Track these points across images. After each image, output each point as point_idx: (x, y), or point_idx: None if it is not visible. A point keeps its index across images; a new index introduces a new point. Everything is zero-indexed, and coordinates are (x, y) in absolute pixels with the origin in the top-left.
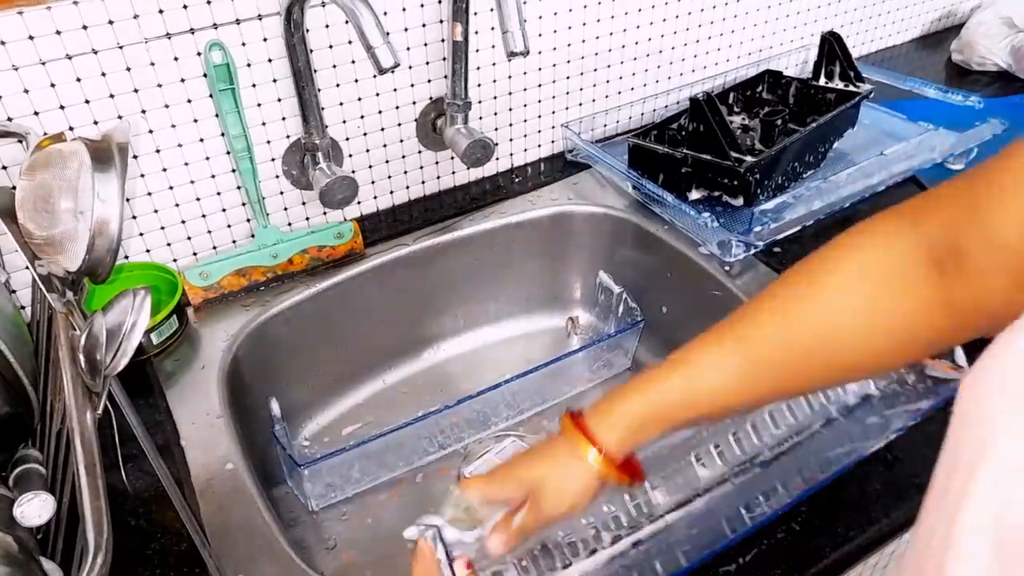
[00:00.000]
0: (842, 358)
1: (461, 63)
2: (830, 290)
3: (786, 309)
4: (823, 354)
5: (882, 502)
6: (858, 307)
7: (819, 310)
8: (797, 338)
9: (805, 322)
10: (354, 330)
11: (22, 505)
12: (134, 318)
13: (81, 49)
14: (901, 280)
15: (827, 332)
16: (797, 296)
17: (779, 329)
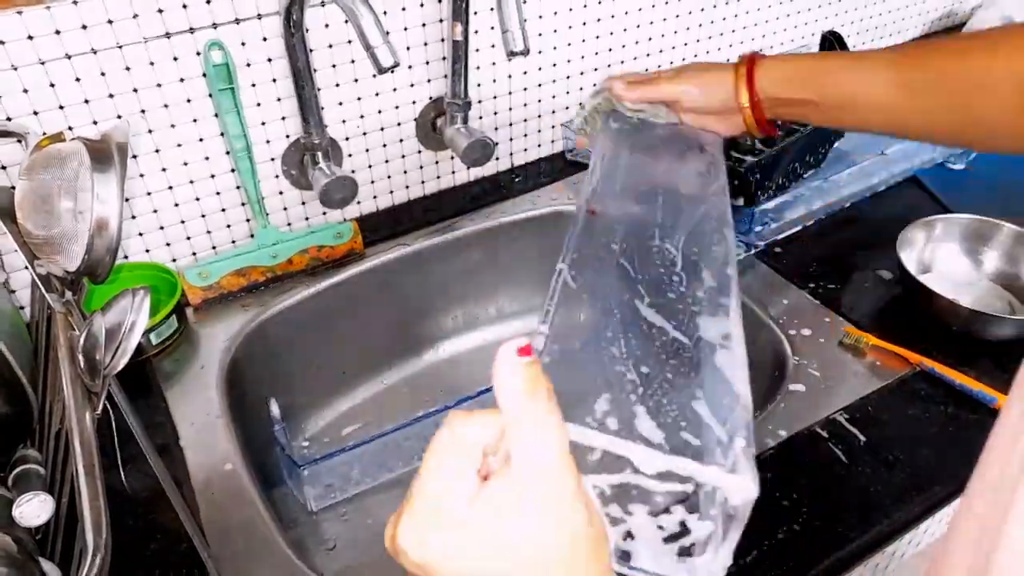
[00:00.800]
0: (979, 119)
1: (461, 63)
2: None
3: (958, 57)
4: (962, 114)
5: (882, 503)
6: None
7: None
8: (957, 86)
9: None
10: (354, 330)
11: (21, 505)
12: (133, 318)
13: (80, 49)
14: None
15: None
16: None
17: (950, 69)
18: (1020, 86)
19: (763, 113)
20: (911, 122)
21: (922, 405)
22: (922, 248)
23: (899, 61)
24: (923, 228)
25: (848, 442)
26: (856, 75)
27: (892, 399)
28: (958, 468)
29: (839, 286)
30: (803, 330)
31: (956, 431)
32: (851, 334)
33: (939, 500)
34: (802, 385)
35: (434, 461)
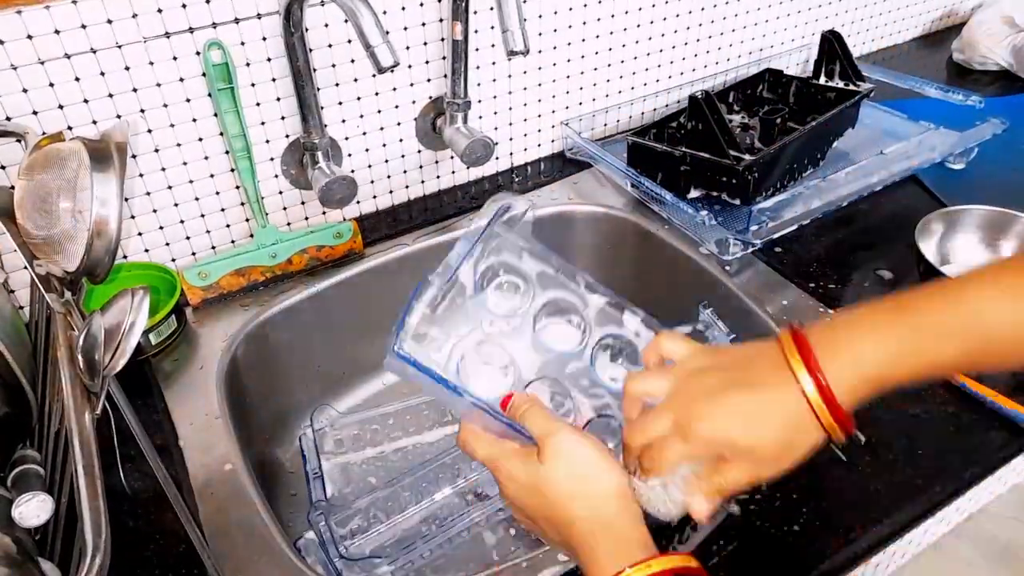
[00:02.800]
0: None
1: (461, 62)
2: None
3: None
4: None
5: (882, 503)
6: None
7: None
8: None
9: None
10: (353, 330)
11: (20, 506)
12: (132, 318)
13: (80, 48)
14: None
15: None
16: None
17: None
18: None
19: (846, 414)
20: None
21: (922, 405)
22: (940, 239)
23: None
24: (941, 219)
25: (849, 442)
26: (979, 326)
27: (893, 399)
28: (959, 469)
29: (838, 285)
30: None
31: (956, 431)
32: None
33: (939, 500)
34: None
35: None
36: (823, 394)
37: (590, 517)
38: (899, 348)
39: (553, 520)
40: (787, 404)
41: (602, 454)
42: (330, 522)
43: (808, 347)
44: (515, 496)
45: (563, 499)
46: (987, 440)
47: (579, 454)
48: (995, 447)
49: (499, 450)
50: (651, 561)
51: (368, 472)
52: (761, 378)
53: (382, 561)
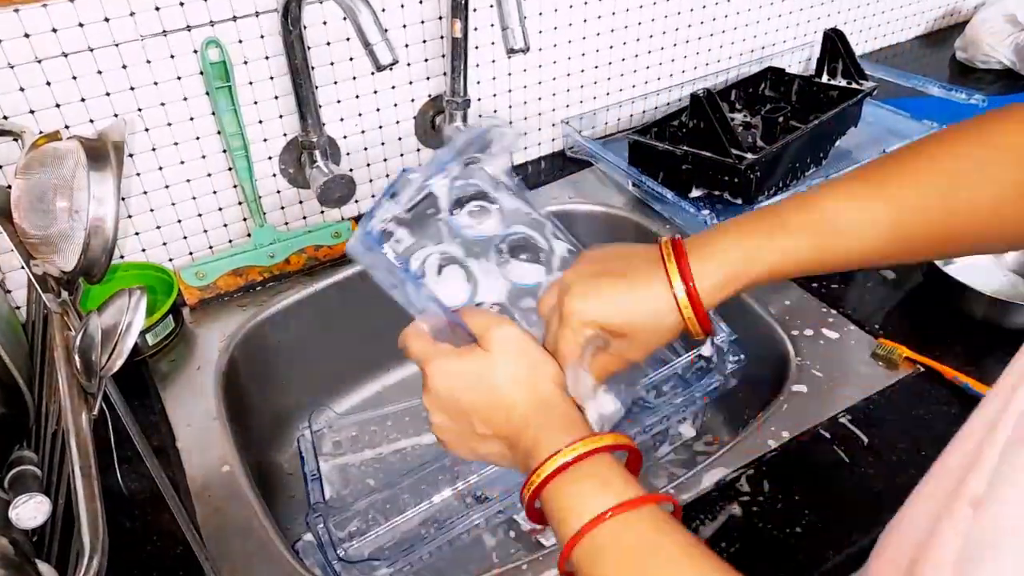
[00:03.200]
0: (995, 230)
1: (460, 60)
2: (1002, 159)
3: (952, 170)
4: (977, 224)
5: (885, 504)
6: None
7: (987, 179)
8: (956, 204)
9: (971, 187)
10: (352, 331)
11: (17, 507)
12: (129, 318)
13: (77, 47)
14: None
15: (989, 203)
16: (963, 157)
17: (939, 192)
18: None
19: (705, 311)
20: (897, 249)
21: (925, 406)
22: None
23: (878, 192)
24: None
25: (851, 443)
26: (834, 242)
27: (895, 400)
28: None
29: (840, 285)
30: (805, 330)
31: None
32: (884, 345)
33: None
34: (804, 386)
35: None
36: (691, 297)
37: (534, 400)
38: (757, 244)
39: (491, 407)
40: (658, 300)
41: (541, 346)
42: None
43: (683, 253)
44: (445, 392)
45: (508, 383)
46: None
47: (523, 341)
48: None
49: (434, 349)
50: (589, 439)
51: (367, 474)
52: (636, 274)
53: (381, 563)
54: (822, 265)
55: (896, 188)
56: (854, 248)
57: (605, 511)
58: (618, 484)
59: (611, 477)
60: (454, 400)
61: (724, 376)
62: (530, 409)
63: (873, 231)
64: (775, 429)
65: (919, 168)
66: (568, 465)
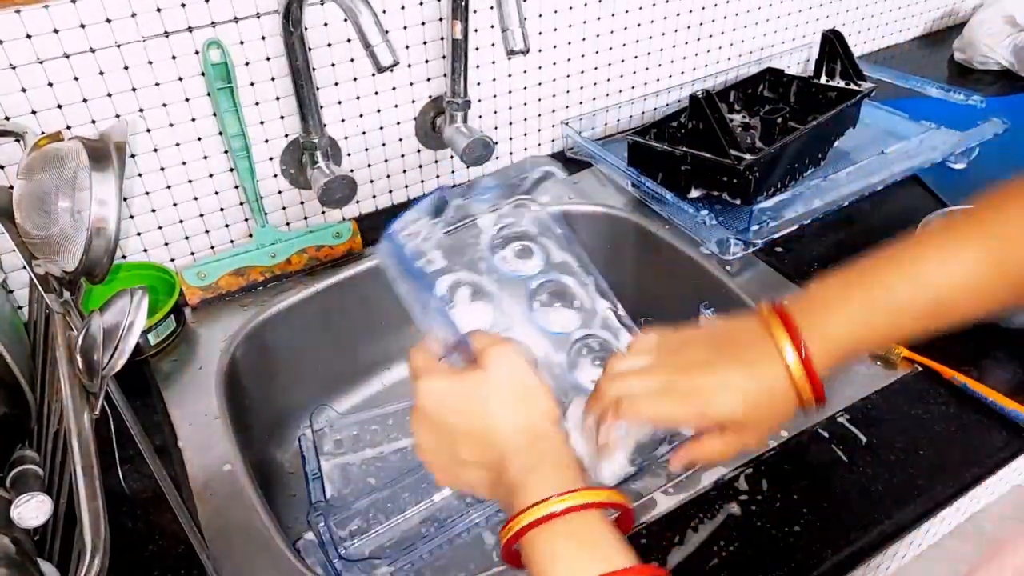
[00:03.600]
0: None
1: (460, 61)
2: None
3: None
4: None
5: (884, 504)
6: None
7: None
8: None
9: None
10: (352, 330)
11: (19, 506)
12: (131, 318)
13: (79, 48)
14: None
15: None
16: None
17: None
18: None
19: (821, 385)
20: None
21: (923, 405)
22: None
23: (986, 243)
24: (943, 219)
25: (849, 443)
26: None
27: (894, 399)
28: (960, 469)
29: None
30: None
31: (958, 431)
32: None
33: (941, 501)
34: None
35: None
36: (806, 367)
37: (526, 431)
38: (865, 325)
39: (479, 431)
40: (776, 378)
41: (540, 379)
42: (329, 523)
43: (792, 323)
44: (433, 410)
45: (499, 407)
46: (988, 440)
47: (523, 367)
48: (996, 447)
49: (429, 365)
50: (582, 492)
51: (368, 473)
52: (749, 354)
53: (382, 562)
54: (925, 334)
55: (991, 225)
56: (956, 315)
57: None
58: (608, 549)
59: (601, 540)
60: (441, 420)
61: None
62: (521, 440)
63: (968, 271)
64: None
65: (1008, 207)
66: (556, 515)
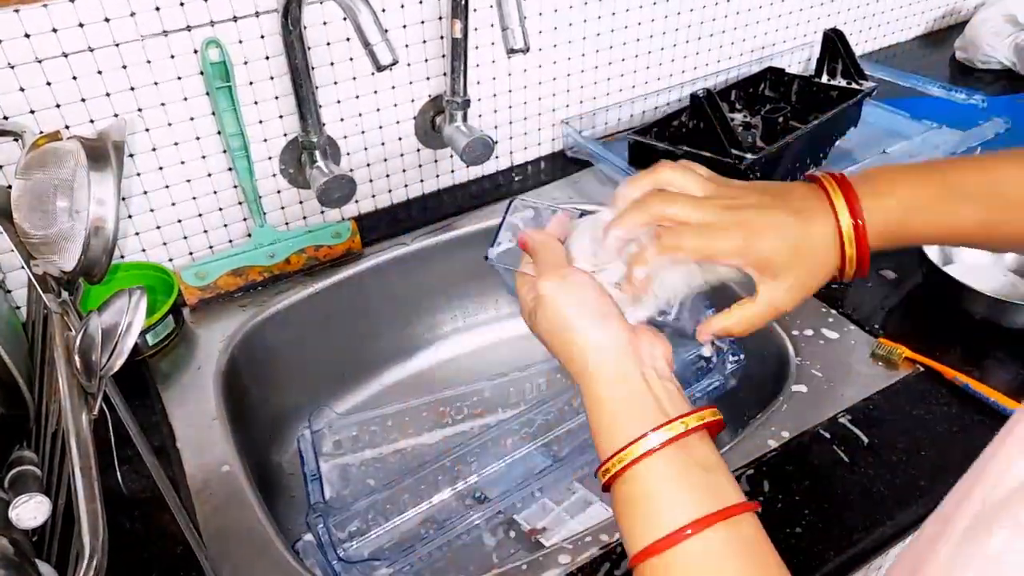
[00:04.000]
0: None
1: (460, 60)
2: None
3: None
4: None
5: (885, 504)
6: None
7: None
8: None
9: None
10: (352, 330)
11: (17, 507)
12: (130, 318)
13: (77, 47)
14: None
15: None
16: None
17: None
18: None
19: (868, 249)
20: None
21: (925, 406)
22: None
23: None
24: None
25: (851, 443)
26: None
27: (895, 400)
28: (961, 469)
29: (840, 285)
30: (805, 330)
31: (960, 432)
32: (884, 345)
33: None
34: (804, 386)
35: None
36: (857, 230)
37: (599, 355)
38: (928, 199)
39: (567, 337)
40: (826, 236)
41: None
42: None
43: (850, 188)
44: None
45: (579, 317)
46: (989, 440)
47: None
48: None
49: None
50: (672, 424)
51: (367, 474)
52: (803, 206)
53: (381, 563)
54: (989, 240)
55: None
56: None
57: (683, 527)
58: (700, 488)
59: (696, 476)
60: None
61: (724, 376)
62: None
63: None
64: (775, 429)
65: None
66: (651, 452)
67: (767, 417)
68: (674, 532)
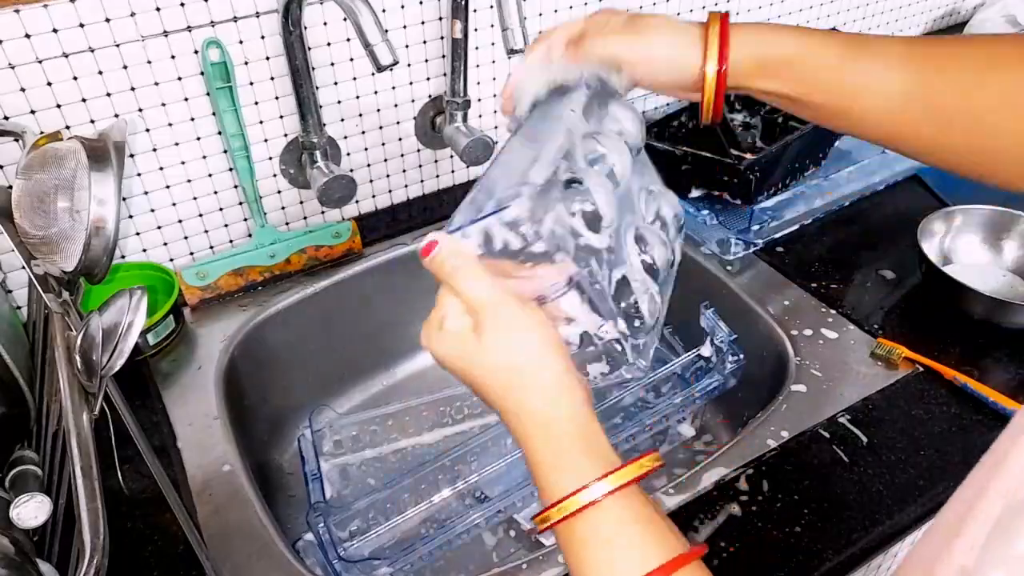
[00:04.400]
0: (998, 145)
1: (460, 61)
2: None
3: (986, 65)
4: (981, 132)
5: (885, 504)
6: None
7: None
8: (981, 101)
9: (999, 91)
10: (352, 331)
11: (18, 507)
12: (130, 318)
13: (78, 47)
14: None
15: (1007, 116)
16: (1002, 67)
17: (971, 79)
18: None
19: (723, 90)
20: (919, 135)
21: (924, 406)
22: (942, 238)
23: (912, 56)
24: (944, 219)
25: (850, 443)
26: (861, 75)
27: (894, 399)
28: (961, 468)
29: (840, 285)
30: (805, 330)
31: (959, 431)
32: (883, 345)
33: (942, 501)
34: (804, 386)
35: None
36: (719, 78)
37: (524, 412)
38: (779, 54)
39: (484, 391)
40: (686, 68)
41: (551, 335)
42: (329, 524)
43: (727, 37)
44: (438, 350)
45: (495, 379)
46: (988, 440)
47: (528, 333)
48: None
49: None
50: (611, 476)
51: (367, 473)
52: (675, 30)
53: (381, 563)
54: (837, 92)
55: (934, 57)
56: (870, 89)
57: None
58: (644, 540)
59: (637, 530)
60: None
61: (723, 376)
62: (526, 429)
63: (887, 81)
64: (775, 429)
65: (963, 53)
66: (589, 505)
67: (766, 417)
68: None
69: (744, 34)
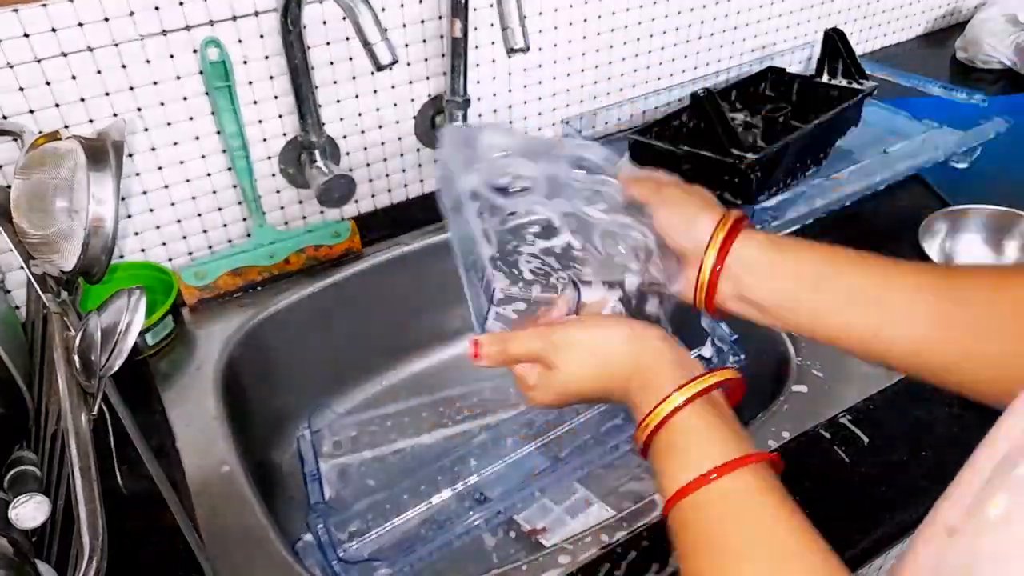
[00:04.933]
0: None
1: (460, 60)
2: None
3: (1007, 287)
4: (995, 358)
5: (886, 505)
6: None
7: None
8: (999, 324)
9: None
10: (352, 330)
11: (17, 507)
12: (129, 318)
13: (76, 46)
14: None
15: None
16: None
17: (992, 303)
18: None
19: (713, 293)
20: (942, 358)
21: (926, 406)
22: (944, 238)
23: (939, 285)
24: (945, 219)
25: (851, 443)
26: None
27: (896, 400)
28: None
29: None
30: None
31: (960, 432)
32: None
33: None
34: (805, 386)
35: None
36: (711, 280)
37: (620, 387)
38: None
39: (593, 399)
40: (693, 254)
41: (599, 325)
42: (328, 524)
43: (732, 238)
44: (543, 401)
45: (589, 388)
46: None
47: (581, 345)
48: None
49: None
50: (690, 384)
51: (367, 474)
52: (695, 214)
53: (381, 564)
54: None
55: (956, 288)
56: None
57: (710, 471)
58: (719, 441)
59: (714, 431)
60: (554, 403)
61: None
62: (620, 395)
63: (912, 316)
64: (775, 429)
65: (980, 277)
66: (677, 410)
67: (767, 417)
68: (702, 475)
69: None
